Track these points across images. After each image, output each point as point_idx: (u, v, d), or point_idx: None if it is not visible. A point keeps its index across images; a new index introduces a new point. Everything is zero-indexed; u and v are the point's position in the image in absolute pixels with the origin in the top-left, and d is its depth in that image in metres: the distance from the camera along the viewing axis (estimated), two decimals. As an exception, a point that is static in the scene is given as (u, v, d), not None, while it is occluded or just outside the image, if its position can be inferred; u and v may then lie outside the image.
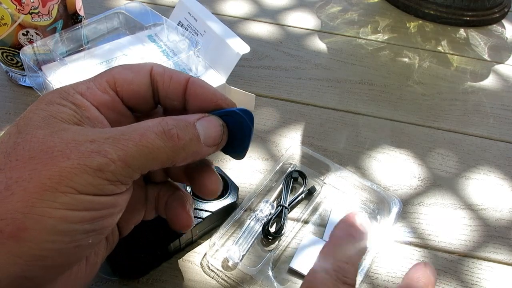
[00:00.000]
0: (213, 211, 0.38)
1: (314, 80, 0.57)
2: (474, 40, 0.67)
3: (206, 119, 0.26)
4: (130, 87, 0.27)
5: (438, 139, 0.51)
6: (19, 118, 0.24)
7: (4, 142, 0.23)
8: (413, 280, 0.28)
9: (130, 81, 0.27)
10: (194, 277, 0.37)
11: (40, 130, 0.23)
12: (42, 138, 0.22)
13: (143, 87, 0.27)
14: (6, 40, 0.46)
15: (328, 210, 0.42)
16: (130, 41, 0.50)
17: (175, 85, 0.27)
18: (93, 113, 0.25)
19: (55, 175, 0.21)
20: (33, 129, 0.23)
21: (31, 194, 0.21)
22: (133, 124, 0.24)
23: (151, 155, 0.23)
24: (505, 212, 0.44)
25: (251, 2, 0.69)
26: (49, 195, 0.21)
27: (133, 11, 0.51)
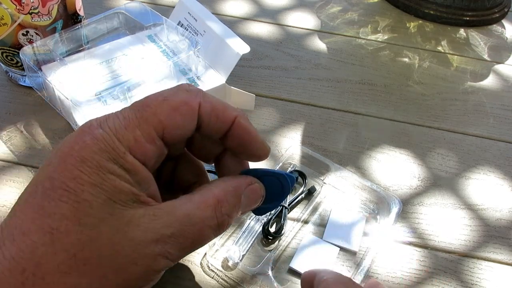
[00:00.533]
0: None
1: (314, 80, 0.57)
2: (474, 40, 0.67)
3: (252, 190, 0.26)
4: (178, 133, 0.24)
5: (438, 139, 0.51)
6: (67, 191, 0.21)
7: (63, 233, 0.20)
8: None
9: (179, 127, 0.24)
10: (194, 277, 0.37)
11: (104, 226, 0.21)
12: (109, 239, 0.21)
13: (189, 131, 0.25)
14: (6, 40, 0.46)
15: (328, 210, 0.42)
16: (130, 41, 0.50)
17: (221, 125, 0.26)
18: (142, 175, 0.23)
19: (125, 281, 0.22)
20: (96, 224, 0.21)
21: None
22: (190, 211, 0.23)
23: (202, 243, 0.25)
24: (505, 212, 0.44)
25: (251, 2, 0.69)
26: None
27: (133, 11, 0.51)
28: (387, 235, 0.40)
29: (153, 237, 0.22)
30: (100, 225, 0.21)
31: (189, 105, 0.24)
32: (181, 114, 0.24)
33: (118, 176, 0.22)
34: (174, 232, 0.23)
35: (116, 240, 0.21)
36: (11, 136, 0.46)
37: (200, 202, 0.24)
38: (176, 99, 0.24)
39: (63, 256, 0.20)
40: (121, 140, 0.22)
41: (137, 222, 0.22)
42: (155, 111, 0.23)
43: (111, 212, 0.21)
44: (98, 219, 0.21)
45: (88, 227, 0.21)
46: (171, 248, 0.23)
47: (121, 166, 0.22)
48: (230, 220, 0.25)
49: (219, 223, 0.24)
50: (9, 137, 0.46)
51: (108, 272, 0.21)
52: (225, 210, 0.25)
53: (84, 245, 0.21)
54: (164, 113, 0.23)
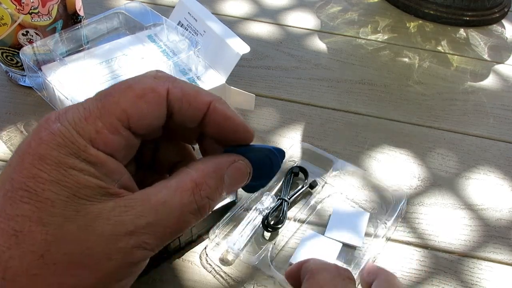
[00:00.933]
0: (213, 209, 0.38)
1: (314, 80, 0.57)
2: (474, 40, 0.67)
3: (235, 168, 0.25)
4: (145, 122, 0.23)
5: (438, 139, 0.51)
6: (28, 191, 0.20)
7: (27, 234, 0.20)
8: None
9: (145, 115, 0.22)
10: (194, 277, 0.37)
11: (70, 223, 0.20)
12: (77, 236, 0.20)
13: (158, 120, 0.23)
14: (6, 40, 0.46)
15: (331, 206, 0.42)
16: (130, 41, 0.50)
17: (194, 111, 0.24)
18: (110, 167, 0.22)
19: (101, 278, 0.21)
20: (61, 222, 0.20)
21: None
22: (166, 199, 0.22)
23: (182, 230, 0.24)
24: (505, 212, 0.44)
25: (251, 2, 0.69)
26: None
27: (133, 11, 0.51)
28: (391, 230, 0.40)
29: (125, 230, 0.21)
30: (65, 223, 0.20)
31: (156, 91, 0.23)
32: (147, 102, 0.22)
33: (80, 171, 0.21)
34: (149, 222, 0.21)
35: (85, 237, 0.20)
36: (11, 136, 0.46)
37: (177, 188, 0.23)
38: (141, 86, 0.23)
39: (30, 258, 0.20)
40: (81, 133, 0.21)
41: (106, 216, 0.21)
42: (118, 100, 0.22)
43: (76, 209, 0.20)
44: (62, 217, 0.20)
45: (52, 226, 0.20)
46: (148, 239, 0.22)
47: (83, 160, 0.21)
48: (212, 202, 0.24)
49: (199, 207, 0.23)
50: (9, 137, 0.46)
51: (80, 270, 0.20)
52: (205, 193, 0.23)
53: (51, 245, 0.20)
54: (128, 102, 0.22)
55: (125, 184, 0.23)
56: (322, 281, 0.26)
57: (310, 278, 0.27)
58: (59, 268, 0.20)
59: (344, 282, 0.26)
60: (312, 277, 0.27)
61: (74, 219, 0.20)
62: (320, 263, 0.28)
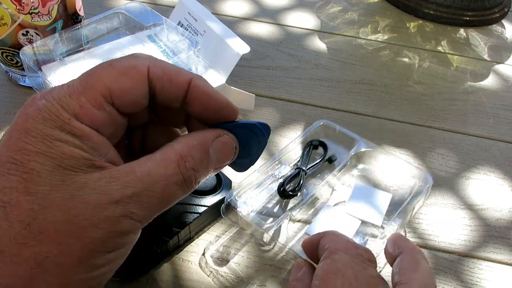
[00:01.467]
0: (209, 205, 0.38)
1: (314, 80, 0.57)
2: (474, 40, 0.67)
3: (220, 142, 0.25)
4: (128, 98, 0.23)
5: (438, 139, 0.51)
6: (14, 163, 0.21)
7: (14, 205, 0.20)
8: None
9: (127, 91, 0.23)
10: (194, 277, 0.37)
11: (56, 192, 0.21)
12: (63, 204, 0.21)
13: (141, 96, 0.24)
14: (6, 40, 0.46)
15: (350, 184, 0.41)
16: (130, 41, 0.50)
17: (175, 89, 0.25)
18: (95, 140, 0.22)
19: (88, 246, 0.21)
20: (47, 191, 0.21)
21: (67, 269, 0.21)
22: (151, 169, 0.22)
23: (170, 202, 0.24)
24: (505, 212, 0.44)
25: (251, 2, 0.69)
26: (84, 265, 0.21)
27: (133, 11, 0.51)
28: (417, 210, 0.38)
29: (111, 199, 0.21)
30: (51, 192, 0.21)
31: (137, 68, 0.24)
32: (129, 78, 0.23)
33: (66, 143, 0.21)
34: (135, 192, 0.22)
35: (71, 205, 0.21)
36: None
37: (161, 160, 0.23)
38: (123, 64, 0.24)
39: (17, 227, 0.20)
40: (65, 108, 0.22)
41: (92, 186, 0.21)
42: (100, 76, 0.23)
43: (62, 179, 0.21)
44: (48, 186, 0.21)
45: (39, 195, 0.20)
46: (134, 208, 0.22)
47: (68, 132, 0.21)
48: (199, 175, 0.24)
49: (185, 178, 0.23)
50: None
51: (68, 238, 0.21)
52: (190, 165, 0.23)
53: (37, 214, 0.20)
54: (110, 78, 0.23)
55: (111, 160, 0.23)
56: (340, 263, 0.24)
57: (327, 257, 0.25)
58: (45, 236, 0.20)
59: (364, 265, 0.25)
60: (330, 256, 0.25)
61: (60, 188, 0.21)
62: (338, 240, 0.26)
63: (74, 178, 0.21)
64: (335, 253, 0.25)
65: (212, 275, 0.37)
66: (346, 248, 0.26)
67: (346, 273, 0.24)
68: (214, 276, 0.37)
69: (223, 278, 0.37)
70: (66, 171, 0.21)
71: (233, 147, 0.26)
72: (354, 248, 0.26)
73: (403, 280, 0.26)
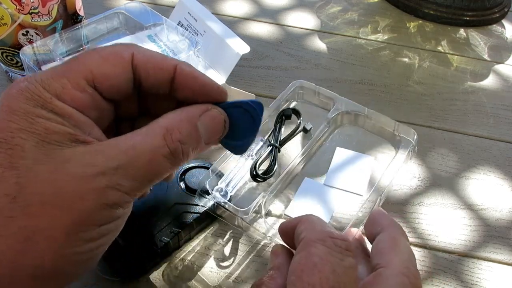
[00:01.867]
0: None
1: (314, 80, 0.56)
2: (474, 40, 0.67)
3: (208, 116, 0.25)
4: (110, 83, 0.24)
5: (438, 139, 0.51)
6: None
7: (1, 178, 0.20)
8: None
9: (110, 76, 0.24)
10: (194, 277, 0.37)
11: (41, 165, 0.21)
12: (48, 177, 0.21)
13: (124, 82, 0.24)
14: (6, 40, 0.46)
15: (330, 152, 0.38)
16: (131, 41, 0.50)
17: (161, 75, 0.25)
18: (78, 119, 0.23)
19: (76, 219, 0.21)
20: (32, 165, 0.21)
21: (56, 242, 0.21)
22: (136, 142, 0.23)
23: (159, 174, 0.24)
24: (505, 212, 0.44)
25: (251, 2, 0.69)
26: (74, 238, 0.21)
27: (133, 11, 0.51)
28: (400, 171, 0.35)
29: (97, 170, 0.21)
30: (36, 166, 0.21)
31: (120, 55, 0.24)
32: (112, 64, 0.24)
33: (48, 119, 0.22)
34: (120, 164, 0.22)
35: (56, 178, 0.21)
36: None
37: (146, 134, 0.23)
38: (107, 50, 0.24)
39: (4, 201, 0.20)
40: (47, 88, 0.22)
41: (77, 159, 0.21)
42: (84, 61, 0.23)
43: (46, 153, 0.21)
44: (32, 160, 0.21)
45: (23, 169, 0.21)
46: (121, 180, 0.22)
47: (50, 110, 0.22)
48: (186, 148, 0.24)
49: (171, 150, 0.23)
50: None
51: (54, 211, 0.21)
52: (176, 137, 0.23)
53: (22, 187, 0.20)
54: (94, 63, 0.23)
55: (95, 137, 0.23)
56: (317, 257, 0.23)
57: (303, 250, 0.24)
58: (32, 209, 0.20)
59: (341, 256, 0.24)
60: (305, 248, 0.24)
61: (44, 162, 0.21)
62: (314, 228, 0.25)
63: (58, 152, 0.21)
64: (311, 245, 0.24)
65: (212, 275, 0.37)
66: (322, 239, 0.24)
67: (323, 268, 0.23)
68: (214, 276, 0.37)
69: (223, 278, 0.37)
70: (50, 146, 0.21)
71: (222, 121, 0.26)
72: (331, 239, 0.25)
73: (382, 263, 0.26)
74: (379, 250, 0.27)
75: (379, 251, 0.27)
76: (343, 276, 0.23)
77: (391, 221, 0.29)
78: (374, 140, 0.39)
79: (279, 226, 0.28)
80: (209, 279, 0.36)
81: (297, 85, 0.41)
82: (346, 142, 0.39)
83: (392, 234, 0.28)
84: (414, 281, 0.24)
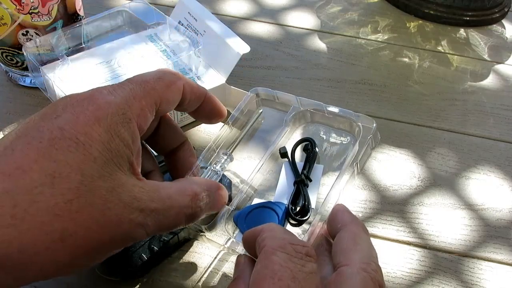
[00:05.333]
0: None
1: (314, 80, 0.57)
2: (474, 40, 0.67)
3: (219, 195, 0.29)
4: (168, 107, 0.28)
5: (438, 139, 0.51)
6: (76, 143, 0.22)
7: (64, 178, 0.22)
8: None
9: (170, 102, 0.28)
10: (194, 277, 0.37)
11: (102, 182, 0.23)
12: (104, 194, 0.23)
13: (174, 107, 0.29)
14: (6, 40, 0.46)
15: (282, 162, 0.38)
16: (132, 40, 0.50)
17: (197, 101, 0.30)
18: (137, 146, 0.26)
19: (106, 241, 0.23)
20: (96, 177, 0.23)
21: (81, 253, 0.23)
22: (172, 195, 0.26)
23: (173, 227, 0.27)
24: (505, 212, 0.44)
25: (251, 2, 0.69)
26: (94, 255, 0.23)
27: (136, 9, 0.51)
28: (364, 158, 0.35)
29: (139, 206, 0.24)
30: (99, 180, 0.22)
31: (177, 84, 0.28)
32: (172, 91, 0.28)
33: (122, 141, 0.24)
34: (156, 208, 0.24)
35: (110, 198, 0.23)
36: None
37: (181, 190, 0.26)
38: (169, 79, 0.28)
39: (60, 199, 0.21)
40: (130, 108, 0.25)
41: (129, 188, 0.24)
42: (154, 86, 0.27)
43: (110, 172, 0.23)
44: (98, 174, 0.22)
45: (88, 178, 0.22)
46: (150, 222, 0.24)
47: (127, 131, 0.24)
48: (201, 213, 0.28)
49: (192, 212, 0.27)
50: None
51: (94, 226, 0.22)
52: (199, 204, 0.27)
53: (82, 194, 0.22)
54: (161, 89, 0.27)
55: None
56: (277, 265, 0.24)
57: (264, 258, 0.24)
58: (79, 216, 0.22)
59: (302, 262, 0.24)
60: (266, 257, 0.24)
61: (106, 179, 0.23)
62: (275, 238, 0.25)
63: (118, 175, 0.23)
64: (271, 253, 0.24)
65: (213, 275, 0.37)
66: (282, 246, 0.25)
67: (283, 275, 0.23)
68: (215, 276, 0.37)
69: (223, 278, 0.37)
70: (115, 167, 0.23)
71: (225, 200, 0.30)
72: (291, 245, 0.25)
73: (343, 261, 0.26)
74: (340, 248, 0.27)
75: (340, 249, 0.27)
76: (303, 282, 0.23)
77: (351, 218, 0.29)
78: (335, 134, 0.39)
79: (242, 236, 0.29)
80: (209, 280, 0.36)
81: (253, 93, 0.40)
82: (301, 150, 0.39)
83: (352, 230, 0.28)
84: (374, 275, 0.25)
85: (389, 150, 0.49)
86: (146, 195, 0.24)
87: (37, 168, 0.21)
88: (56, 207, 0.21)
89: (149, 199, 0.24)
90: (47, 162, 0.22)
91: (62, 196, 0.21)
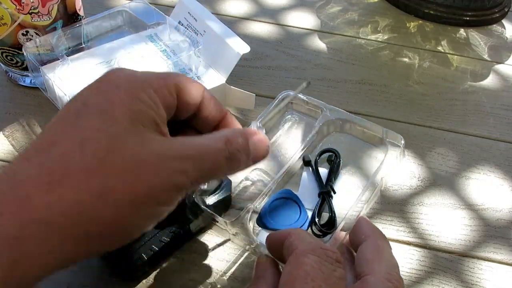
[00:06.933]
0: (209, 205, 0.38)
1: (314, 80, 0.57)
2: (474, 40, 0.67)
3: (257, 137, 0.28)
4: (186, 99, 0.28)
5: (438, 139, 0.51)
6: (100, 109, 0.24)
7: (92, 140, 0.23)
8: None
9: (189, 95, 0.28)
10: (194, 277, 0.37)
11: (130, 137, 0.23)
12: (134, 147, 0.23)
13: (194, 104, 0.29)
14: (6, 40, 0.46)
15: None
16: (132, 40, 0.50)
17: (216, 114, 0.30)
18: (162, 114, 0.26)
19: (145, 191, 0.23)
20: (123, 135, 0.23)
21: (123, 207, 0.23)
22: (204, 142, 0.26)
23: (218, 172, 0.26)
24: (505, 212, 0.44)
25: (251, 2, 0.69)
26: (137, 208, 0.23)
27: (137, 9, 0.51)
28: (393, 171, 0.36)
29: (174, 154, 0.24)
30: (127, 137, 0.23)
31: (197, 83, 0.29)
32: (193, 86, 0.28)
33: (144, 103, 0.24)
34: (192, 154, 0.25)
35: (141, 151, 0.23)
36: (12, 131, 0.46)
37: (211, 138, 0.26)
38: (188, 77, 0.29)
39: (90, 160, 0.22)
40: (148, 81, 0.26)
41: (159, 142, 0.24)
42: (174, 76, 0.27)
43: (136, 130, 0.24)
44: (125, 132, 0.23)
45: (115, 137, 0.23)
46: (190, 167, 0.24)
47: (148, 97, 0.25)
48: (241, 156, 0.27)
49: (230, 154, 0.26)
50: (11, 132, 0.46)
51: (131, 178, 0.23)
52: (235, 146, 0.26)
53: (111, 150, 0.23)
54: (181, 80, 0.27)
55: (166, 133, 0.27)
56: (309, 266, 0.24)
57: (295, 260, 0.25)
58: (114, 172, 0.22)
59: (333, 267, 0.25)
60: (297, 259, 0.25)
61: (134, 136, 0.24)
62: (304, 240, 0.26)
63: (145, 132, 0.24)
64: (303, 255, 0.25)
65: (213, 275, 0.37)
66: (314, 249, 0.25)
67: (315, 276, 0.23)
68: (215, 276, 0.37)
69: (224, 279, 0.37)
70: (140, 125, 0.24)
71: (267, 144, 0.29)
72: (321, 249, 0.25)
73: (367, 270, 0.27)
74: (363, 258, 0.28)
75: (364, 259, 0.28)
76: (334, 286, 0.24)
77: (374, 229, 0.30)
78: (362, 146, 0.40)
79: (266, 238, 0.29)
80: (209, 280, 0.36)
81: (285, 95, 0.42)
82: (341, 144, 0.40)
83: (375, 242, 0.29)
84: (397, 286, 0.26)
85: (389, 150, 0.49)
86: (178, 144, 0.25)
87: (66, 138, 0.23)
88: (90, 166, 0.22)
89: (183, 148, 0.25)
90: (75, 131, 0.23)
91: (93, 155, 0.22)
